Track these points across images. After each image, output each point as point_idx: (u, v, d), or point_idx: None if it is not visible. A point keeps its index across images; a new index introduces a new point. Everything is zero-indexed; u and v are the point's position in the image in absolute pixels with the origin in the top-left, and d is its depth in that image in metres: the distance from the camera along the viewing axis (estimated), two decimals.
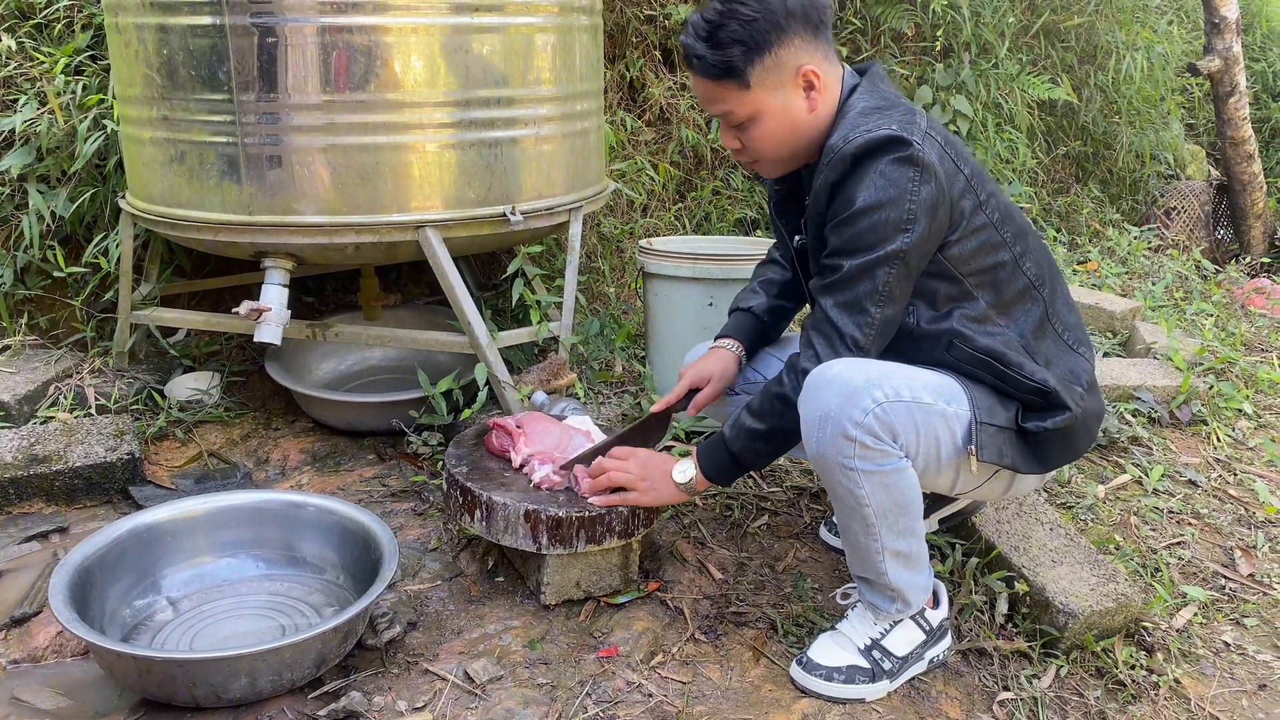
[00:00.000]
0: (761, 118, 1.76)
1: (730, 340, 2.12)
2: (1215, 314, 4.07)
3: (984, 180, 1.81)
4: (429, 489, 2.51)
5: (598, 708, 1.77)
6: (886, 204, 1.66)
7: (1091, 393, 1.88)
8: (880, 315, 1.72)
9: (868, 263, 1.69)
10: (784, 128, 1.78)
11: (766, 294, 2.15)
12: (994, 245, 1.79)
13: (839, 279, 1.72)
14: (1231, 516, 2.56)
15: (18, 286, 3.06)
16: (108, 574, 1.93)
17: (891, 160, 1.67)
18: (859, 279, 1.70)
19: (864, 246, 1.69)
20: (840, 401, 1.65)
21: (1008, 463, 1.77)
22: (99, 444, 2.49)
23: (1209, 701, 1.92)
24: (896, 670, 1.85)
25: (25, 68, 3.07)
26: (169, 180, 2.51)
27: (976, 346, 1.77)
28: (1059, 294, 1.89)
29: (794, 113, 1.77)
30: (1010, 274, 1.81)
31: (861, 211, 1.68)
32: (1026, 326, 1.82)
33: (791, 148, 1.82)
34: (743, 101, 1.75)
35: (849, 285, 1.71)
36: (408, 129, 2.42)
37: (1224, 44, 5.06)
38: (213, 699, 1.70)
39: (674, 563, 2.21)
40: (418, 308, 3.35)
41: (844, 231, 1.70)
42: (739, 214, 4.10)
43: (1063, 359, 1.85)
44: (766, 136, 1.79)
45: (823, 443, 1.68)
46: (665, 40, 4.07)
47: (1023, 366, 1.77)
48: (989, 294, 1.80)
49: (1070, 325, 1.90)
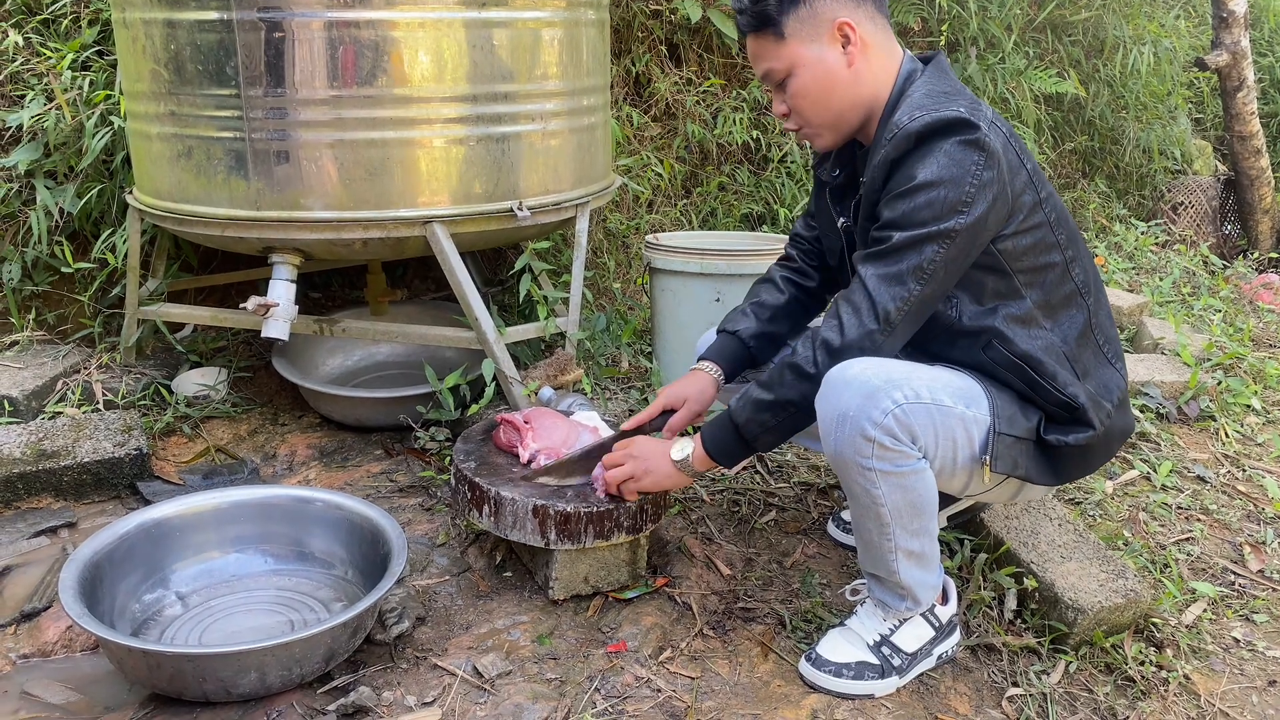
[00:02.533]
0: (797, 71, 1.76)
1: (710, 364, 2.08)
2: (1223, 309, 4.06)
3: (1043, 180, 1.80)
4: (436, 484, 2.51)
5: (606, 703, 1.77)
6: (947, 181, 1.64)
7: (1120, 410, 1.85)
8: (919, 293, 1.68)
9: (918, 236, 1.66)
10: (820, 82, 1.76)
11: (757, 318, 2.10)
12: (1048, 245, 1.77)
13: (886, 249, 1.68)
14: (1240, 512, 2.55)
15: (26, 282, 3.06)
16: (117, 569, 1.93)
17: (957, 141, 1.65)
18: (906, 252, 1.67)
19: (917, 221, 1.66)
20: (859, 402, 1.64)
21: (1021, 473, 1.76)
22: (107, 439, 2.49)
23: (1219, 697, 1.92)
24: (906, 667, 1.85)
25: (32, 63, 3.07)
26: (176, 176, 2.51)
27: (1015, 350, 1.75)
28: (1102, 305, 1.87)
29: (830, 65, 1.75)
30: (1059, 277, 1.79)
31: (920, 186, 1.65)
32: (1071, 332, 1.80)
33: (833, 108, 1.79)
34: (779, 55, 1.76)
35: (895, 257, 1.68)
36: (415, 124, 2.42)
37: (1232, 38, 5.04)
38: (222, 694, 1.70)
39: (682, 558, 2.21)
40: (424, 303, 3.35)
41: (899, 205, 1.68)
42: (745, 209, 4.09)
43: (1099, 371, 1.83)
44: (804, 92, 1.77)
45: (840, 442, 1.67)
46: (671, 35, 4.06)
47: (1056, 377, 1.75)
48: (1037, 294, 1.78)
49: (1110, 338, 1.88)
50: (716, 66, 4.17)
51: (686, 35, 4.09)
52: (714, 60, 4.17)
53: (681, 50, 4.12)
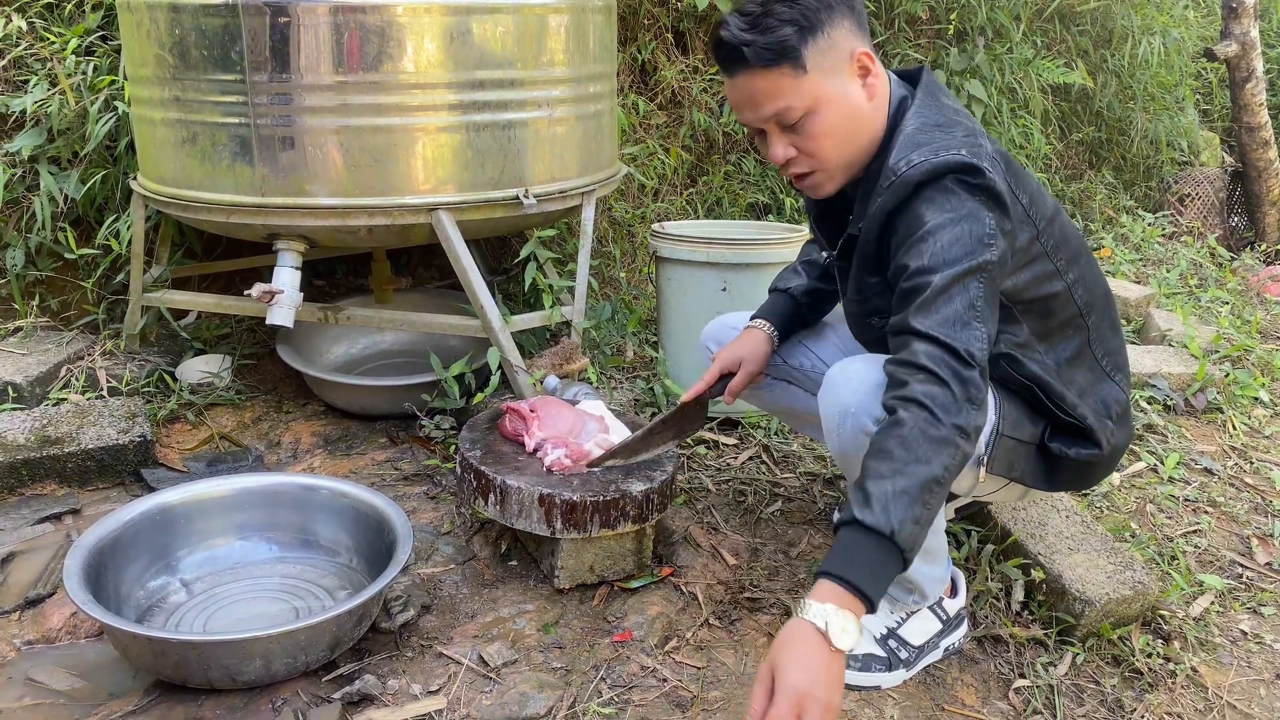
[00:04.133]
0: (820, 108, 1.60)
1: (763, 321, 2.03)
2: (1230, 301, 4.04)
3: (1041, 203, 1.71)
4: (441, 473, 2.51)
5: (612, 692, 1.77)
6: (966, 218, 1.52)
7: (1120, 426, 1.81)
8: (982, 329, 1.50)
9: (960, 273, 1.50)
10: (845, 119, 1.62)
11: (808, 275, 2.05)
12: (1048, 275, 1.71)
13: (929, 295, 1.50)
14: (1248, 505, 2.54)
15: (29, 268, 3.05)
16: (122, 556, 1.92)
17: (960, 184, 1.54)
18: (953, 291, 1.50)
19: (952, 258, 1.51)
20: (861, 397, 1.62)
21: (1016, 476, 1.74)
22: (111, 426, 2.48)
23: (1226, 690, 1.91)
24: (913, 659, 1.84)
25: (36, 48, 3.05)
26: (181, 162, 2.50)
27: (1024, 372, 1.71)
28: (1106, 318, 1.82)
29: (854, 101, 1.62)
30: (1061, 304, 1.74)
31: (940, 226, 1.52)
32: (1063, 354, 1.76)
33: (853, 146, 1.65)
34: (799, 90, 1.58)
35: (944, 299, 1.50)
36: (421, 111, 2.40)
37: (1241, 29, 5.01)
38: (227, 681, 1.69)
39: (687, 548, 2.20)
40: (429, 291, 3.34)
41: (924, 248, 1.52)
42: (751, 199, 4.08)
43: (1096, 387, 1.80)
44: (828, 131, 1.61)
45: (843, 438, 1.66)
46: (677, 23, 4.04)
47: (1064, 398, 1.72)
48: (1033, 321, 1.73)
49: (1111, 350, 1.83)
50: None
51: (693, 23, 4.07)
52: None
53: (688, 38, 4.10)
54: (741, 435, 2.75)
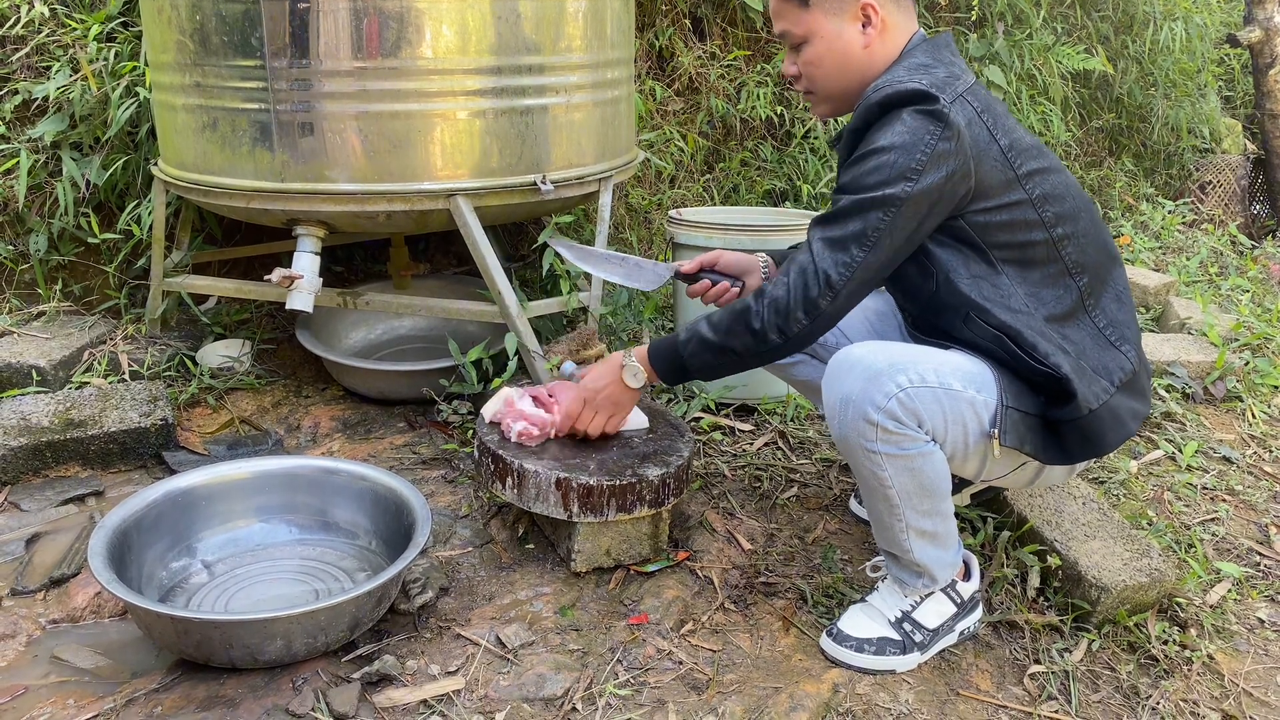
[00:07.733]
0: (814, 40, 1.80)
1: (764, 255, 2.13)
2: (1251, 289, 4.01)
3: (1030, 155, 1.75)
4: (459, 457, 2.52)
5: (628, 674, 1.78)
6: (897, 148, 1.65)
7: (1123, 391, 1.77)
8: (862, 260, 1.68)
9: (862, 201, 1.67)
10: (834, 56, 1.80)
11: None
12: (1028, 223, 1.74)
13: (833, 213, 1.71)
14: (1266, 493, 2.53)
15: (52, 253, 3.08)
16: (145, 536, 1.95)
17: (914, 111, 1.67)
18: (850, 217, 1.68)
19: (864, 185, 1.67)
20: (862, 385, 1.64)
21: (1029, 450, 1.73)
22: (133, 409, 2.51)
23: (1242, 677, 1.91)
24: (927, 642, 1.85)
25: (58, 35, 3.08)
26: (201, 147, 2.52)
27: (992, 321, 1.72)
28: (1108, 287, 1.81)
29: (846, 42, 1.79)
30: (1043, 255, 1.75)
31: (874, 151, 1.68)
32: (1055, 310, 1.75)
33: (841, 82, 1.83)
34: (799, 20, 1.80)
35: (840, 221, 1.70)
36: (440, 96, 2.41)
37: (1265, 14, 4.96)
38: (248, 660, 1.72)
39: (703, 533, 2.21)
40: (447, 277, 3.35)
41: (851, 170, 1.71)
42: (768, 185, 4.07)
43: (1097, 353, 1.77)
44: (817, 61, 1.82)
45: (845, 426, 1.68)
46: (695, 8, 4.03)
47: (1036, 348, 1.70)
48: (1014, 270, 1.74)
49: (1116, 322, 1.81)
50: (740, 40, 4.14)
51: (710, 9, 4.06)
52: (738, 34, 4.13)
53: (705, 24, 4.09)
54: (757, 421, 2.76)
